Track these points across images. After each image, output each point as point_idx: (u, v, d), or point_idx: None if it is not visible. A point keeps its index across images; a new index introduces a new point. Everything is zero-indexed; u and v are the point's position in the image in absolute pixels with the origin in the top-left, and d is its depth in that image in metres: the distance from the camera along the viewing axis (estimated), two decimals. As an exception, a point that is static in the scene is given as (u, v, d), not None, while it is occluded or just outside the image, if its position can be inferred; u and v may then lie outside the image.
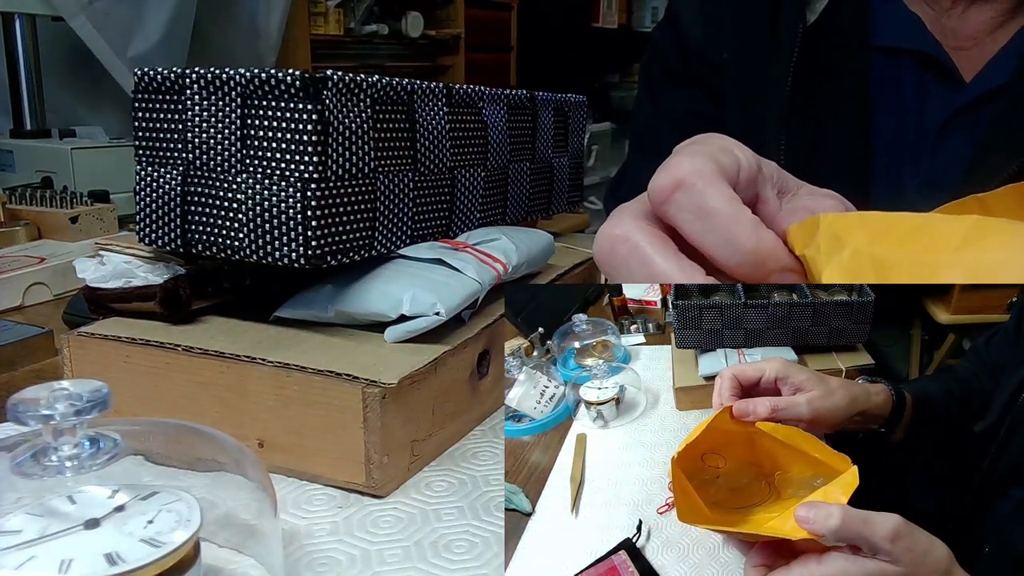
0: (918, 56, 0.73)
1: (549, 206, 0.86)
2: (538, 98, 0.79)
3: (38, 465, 0.35)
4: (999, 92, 0.70)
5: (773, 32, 0.76)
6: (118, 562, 0.33)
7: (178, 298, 0.59)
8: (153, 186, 0.58)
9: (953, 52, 0.72)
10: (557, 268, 0.76)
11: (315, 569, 0.44)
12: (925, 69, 0.73)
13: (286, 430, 0.52)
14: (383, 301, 0.56)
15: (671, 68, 0.87)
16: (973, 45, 0.72)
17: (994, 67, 0.71)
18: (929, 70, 0.73)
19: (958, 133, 0.72)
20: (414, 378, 0.52)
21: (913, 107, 0.74)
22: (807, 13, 0.74)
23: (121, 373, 0.56)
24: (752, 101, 0.79)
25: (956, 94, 0.72)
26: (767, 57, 0.77)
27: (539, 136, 0.80)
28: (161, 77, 0.56)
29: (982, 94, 0.71)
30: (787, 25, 0.75)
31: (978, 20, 0.72)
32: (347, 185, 0.55)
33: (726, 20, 0.81)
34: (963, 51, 0.72)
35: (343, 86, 0.54)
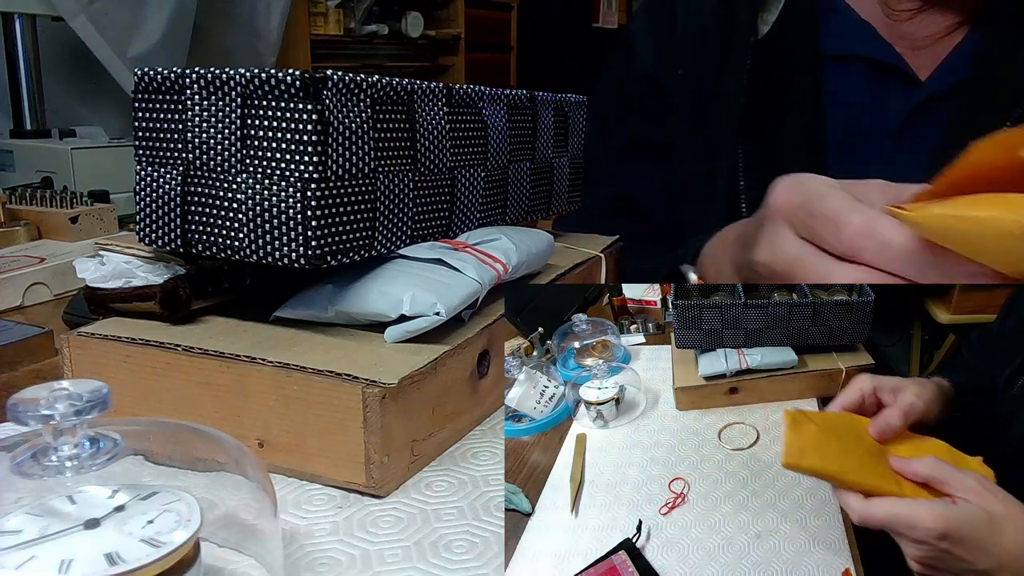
0: (870, 62, 0.75)
1: (549, 206, 0.86)
2: (538, 98, 0.79)
3: (38, 465, 0.35)
4: (958, 87, 0.71)
5: (725, 47, 0.78)
6: (118, 562, 0.33)
7: (178, 298, 0.59)
8: (153, 186, 0.58)
9: (907, 53, 0.74)
10: (557, 268, 0.76)
11: (315, 569, 0.44)
12: (880, 73, 0.74)
13: (286, 430, 0.52)
14: (383, 301, 0.56)
15: (622, 93, 0.90)
16: (928, 46, 0.73)
17: (950, 64, 0.72)
18: (884, 74, 0.74)
19: (919, 130, 0.74)
20: (414, 378, 0.52)
21: (869, 110, 0.76)
22: (759, 25, 0.75)
23: (121, 373, 0.56)
24: (705, 116, 0.81)
25: (912, 93, 0.73)
26: (719, 72, 0.78)
27: (539, 136, 0.80)
28: (161, 77, 0.56)
29: (940, 91, 0.72)
30: (739, 40, 0.77)
31: (932, 25, 0.73)
32: (347, 185, 0.55)
33: (678, 38, 0.83)
34: (919, 51, 0.74)
35: (343, 86, 0.54)
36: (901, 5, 0.73)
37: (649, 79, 0.86)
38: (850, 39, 0.75)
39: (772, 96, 0.76)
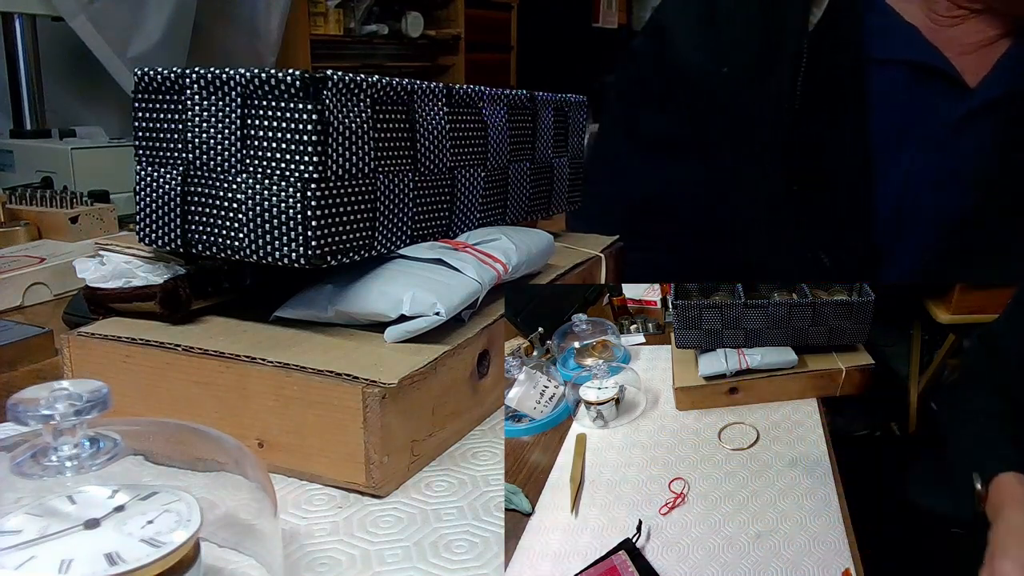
0: (916, 66, 0.73)
1: (549, 206, 0.86)
2: (538, 98, 0.79)
3: (38, 465, 0.35)
4: (1009, 96, 0.70)
5: (775, 42, 0.76)
6: (118, 562, 0.33)
7: (178, 298, 0.59)
8: (153, 186, 0.58)
9: (954, 58, 0.72)
10: (557, 268, 0.76)
11: (315, 569, 0.44)
12: (927, 77, 0.73)
13: (286, 430, 0.52)
14: (383, 301, 0.56)
15: (648, 87, 0.85)
16: (974, 51, 0.72)
17: (999, 72, 0.71)
18: (931, 78, 0.73)
19: (969, 138, 0.72)
20: (414, 378, 0.52)
21: (916, 114, 0.74)
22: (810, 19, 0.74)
23: (121, 373, 0.56)
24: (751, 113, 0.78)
25: (962, 99, 0.72)
26: (770, 68, 0.76)
27: (539, 136, 0.80)
28: (161, 77, 0.56)
29: (992, 98, 0.71)
30: (790, 32, 0.75)
31: (978, 33, 0.72)
32: (347, 185, 0.55)
33: (719, 33, 0.80)
34: (966, 56, 0.72)
35: (343, 86, 0.54)
36: (948, 11, 0.71)
37: (682, 76, 0.82)
38: (896, 41, 0.73)
39: (821, 94, 0.74)
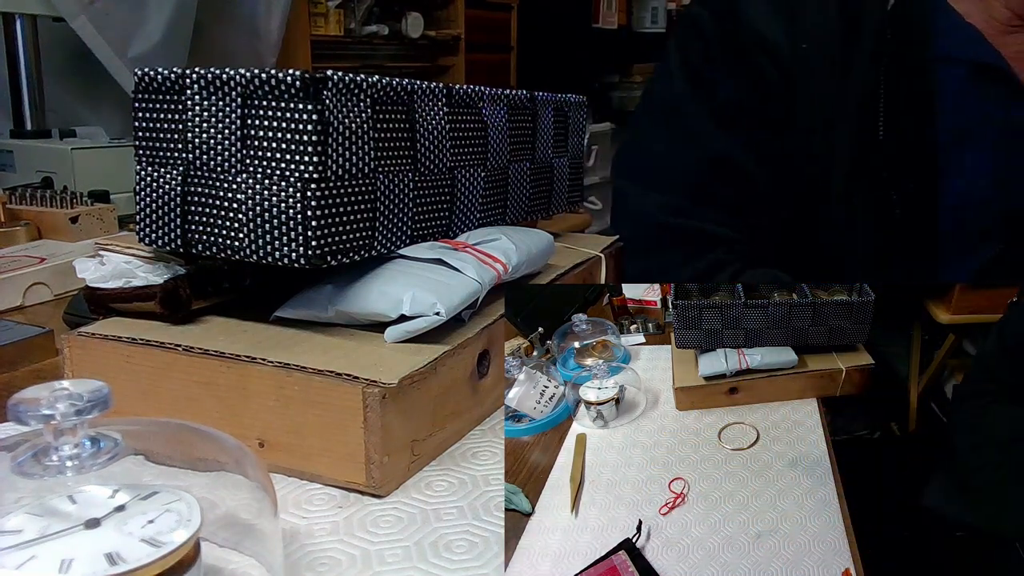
0: (976, 66, 0.74)
1: (549, 206, 0.86)
2: (538, 98, 0.79)
3: (39, 465, 0.35)
4: None
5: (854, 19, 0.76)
6: (118, 562, 0.33)
7: (178, 298, 0.59)
8: (153, 186, 0.58)
9: (1013, 61, 0.73)
10: (557, 268, 0.76)
11: (315, 569, 0.44)
12: (988, 79, 0.74)
13: (286, 430, 0.52)
14: (383, 301, 0.56)
15: (713, 51, 0.83)
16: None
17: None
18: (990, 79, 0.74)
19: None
20: (414, 378, 0.52)
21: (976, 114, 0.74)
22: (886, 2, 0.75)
23: (121, 373, 0.56)
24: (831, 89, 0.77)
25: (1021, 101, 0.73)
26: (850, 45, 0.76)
27: (539, 136, 0.80)
28: (161, 77, 0.56)
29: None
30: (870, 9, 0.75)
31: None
32: (347, 185, 0.55)
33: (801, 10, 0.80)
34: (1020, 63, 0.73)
35: (343, 86, 0.54)
36: (1008, 20, 0.72)
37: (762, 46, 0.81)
38: (957, 40, 0.74)
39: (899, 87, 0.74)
